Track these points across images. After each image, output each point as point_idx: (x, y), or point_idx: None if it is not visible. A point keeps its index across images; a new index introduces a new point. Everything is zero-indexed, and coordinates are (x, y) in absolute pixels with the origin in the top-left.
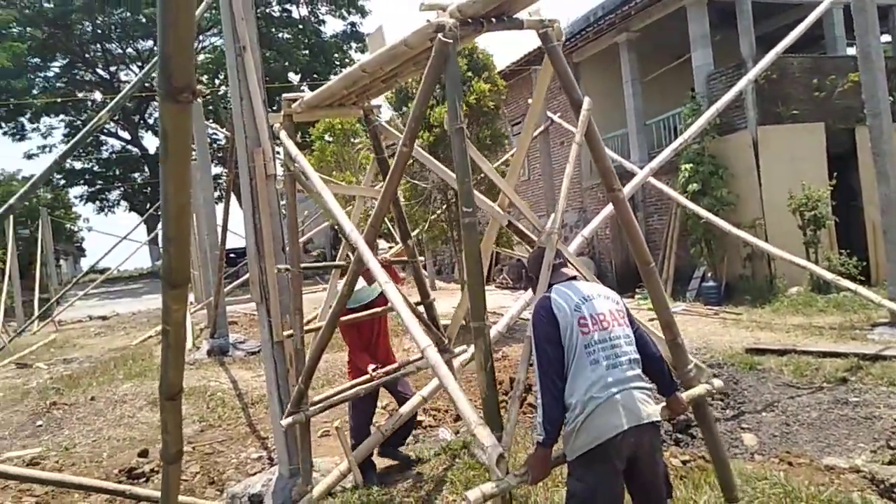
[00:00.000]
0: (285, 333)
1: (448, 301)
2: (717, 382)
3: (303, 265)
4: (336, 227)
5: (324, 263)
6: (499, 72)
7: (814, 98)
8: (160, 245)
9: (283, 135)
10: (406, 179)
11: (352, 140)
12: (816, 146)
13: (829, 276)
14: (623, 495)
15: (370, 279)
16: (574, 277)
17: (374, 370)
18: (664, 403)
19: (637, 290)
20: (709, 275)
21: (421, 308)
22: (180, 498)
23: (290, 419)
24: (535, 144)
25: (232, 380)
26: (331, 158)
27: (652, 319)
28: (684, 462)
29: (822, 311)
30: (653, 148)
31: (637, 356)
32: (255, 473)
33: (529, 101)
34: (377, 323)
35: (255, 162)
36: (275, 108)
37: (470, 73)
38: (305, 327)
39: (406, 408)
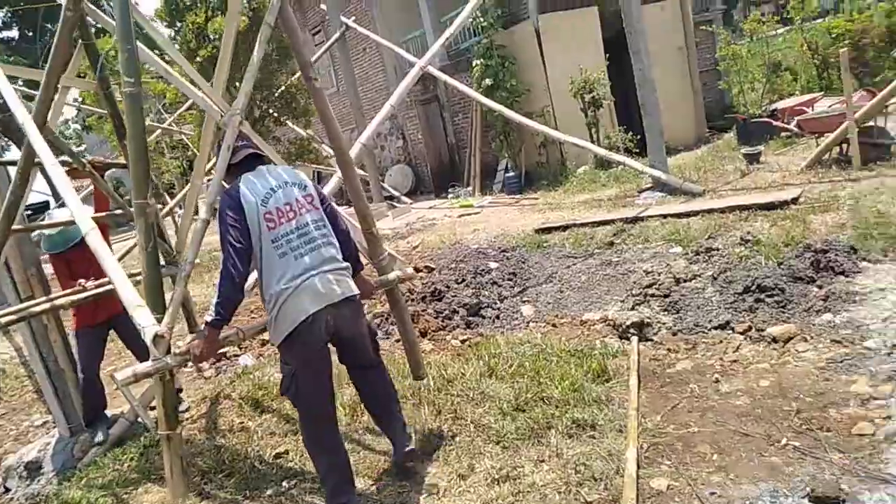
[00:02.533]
0: None
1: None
2: (409, 270)
3: None
4: None
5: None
6: None
7: None
8: None
9: None
10: None
11: None
12: (592, 30)
13: (602, 151)
14: (330, 368)
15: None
16: (258, 157)
17: (85, 283)
18: None
19: (449, 189)
20: (510, 166)
21: None
22: None
23: None
24: (336, 52)
25: (16, 348)
26: None
27: (462, 216)
28: (462, 341)
29: (603, 185)
30: (451, 46)
31: (331, 238)
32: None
33: (323, 6)
34: (92, 265)
35: None
36: None
37: None
38: None
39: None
